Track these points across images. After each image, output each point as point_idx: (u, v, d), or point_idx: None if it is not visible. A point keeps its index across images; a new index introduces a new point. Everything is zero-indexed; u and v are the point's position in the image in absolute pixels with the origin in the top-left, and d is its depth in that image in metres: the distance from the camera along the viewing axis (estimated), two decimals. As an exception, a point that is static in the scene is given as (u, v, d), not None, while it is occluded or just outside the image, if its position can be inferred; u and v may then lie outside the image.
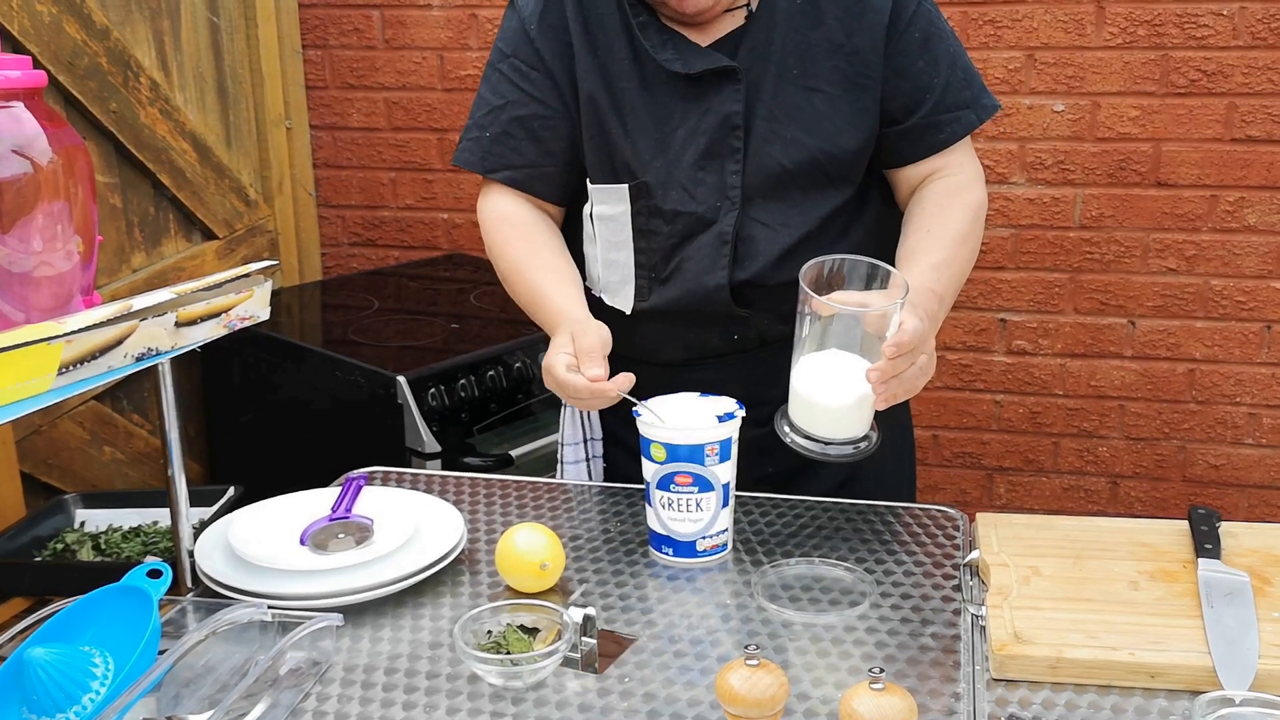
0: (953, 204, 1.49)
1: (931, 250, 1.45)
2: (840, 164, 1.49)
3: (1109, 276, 2.74)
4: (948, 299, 1.43)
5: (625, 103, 1.49)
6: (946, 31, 1.52)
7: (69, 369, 1.08)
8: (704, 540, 1.37)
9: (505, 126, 1.56)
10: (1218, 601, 1.20)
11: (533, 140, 1.55)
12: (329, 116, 3.06)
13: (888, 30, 1.47)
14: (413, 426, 2.15)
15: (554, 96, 1.53)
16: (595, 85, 1.50)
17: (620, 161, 1.51)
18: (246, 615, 1.16)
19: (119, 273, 2.41)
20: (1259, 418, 2.73)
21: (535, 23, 1.52)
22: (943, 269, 1.43)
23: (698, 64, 1.45)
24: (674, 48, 1.47)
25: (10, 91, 1.23)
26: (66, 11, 2.19)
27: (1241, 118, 2.59)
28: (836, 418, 1.31)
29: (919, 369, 1.29)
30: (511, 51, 1.54)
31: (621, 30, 1.48)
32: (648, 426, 1.36)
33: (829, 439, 1.32)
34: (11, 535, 1.86)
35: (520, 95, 1.54)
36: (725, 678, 1.02)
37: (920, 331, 1.26)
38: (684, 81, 1.47)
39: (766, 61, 1.46)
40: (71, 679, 1.06)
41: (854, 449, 1.32)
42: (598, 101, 1.50)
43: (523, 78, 1.54)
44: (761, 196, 1.49)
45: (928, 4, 1.51)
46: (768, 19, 1.47)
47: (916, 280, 1.39)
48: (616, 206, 1.52)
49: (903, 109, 1.50)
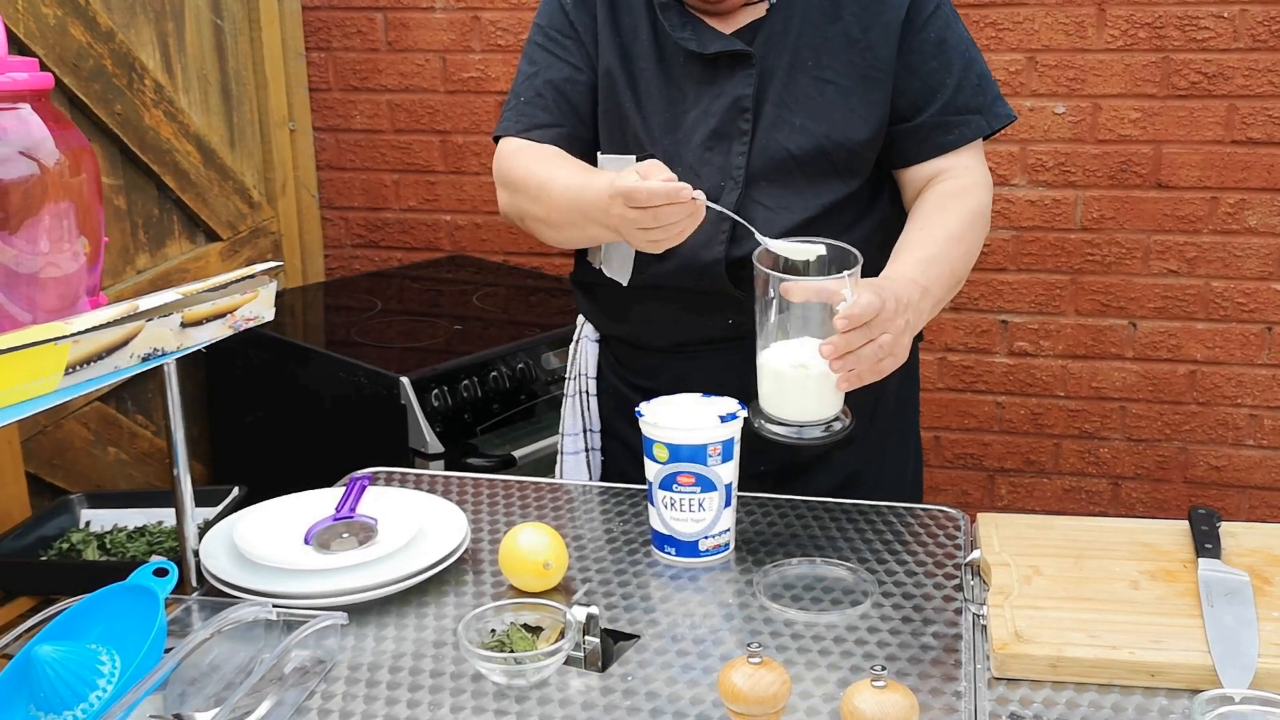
0: (952, 204, 1.50)
1: (921, 245, 1.45)
2: (847, 154, 1.50)
3: (1110, 278, 2.74)
4: (933, 291, 1.41)
5: (641, 80, 1.53)
6: (964, 37, 1.54)
7: (76, 369, 1.09)
8: (706, 540, 1.38)
9: (539, 89, 1.58)
10: (1218, 601, 1.20)
11: (563, 101, 1.57)
12: (332, 118, 3.07)
13: (903, 27, 1.49)
14: (416, 427, 2.15)
15: (585, 62, 1.56)
16: (614, 61, 1.53)
17: (631, 135, 1.54)
18: (251, 614, 1.17)
19: (123, 274, 2.42)
20: (1260, 419, 2.74)
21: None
22: (930, 263, 1.43)
23: (713, 46, 1.49)
24: (693, 29, 1.50)
25: (18, 93, 1.23)
26: (71, 14, 2.20)
27: (1242, 120, 2.59)
28: (800, 398, 1.32)
29: (879, 347, 1.27)
30: (546, 23, 1.59)
31: (645, 11, 1.53)
32: (651, 427, 1.36)
33: (799, 421, 1.32)
34: (17, 535, 1.87)
35: (552, 60, 1.57)
36: (728, 676, 1.03)
37: (874, 306, 1.25)
38: (699, 63, 1.50)
39: (782, 51, 1.49)
40: (79, 676, 1.07)
41: (825, 430, 1.32)
42: (614, 76, 1.53)
43: (556, 44, 1.57)
44: (766, 180, 1.50)
45: (946, 8, 1.53)
46: (787, 12, 1.50)
47: (898, 270, 1.41)
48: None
49: (912, 107, 1.52)
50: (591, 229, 1.43)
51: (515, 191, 1.54)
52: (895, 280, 1.36)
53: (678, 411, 1.38)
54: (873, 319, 1.25)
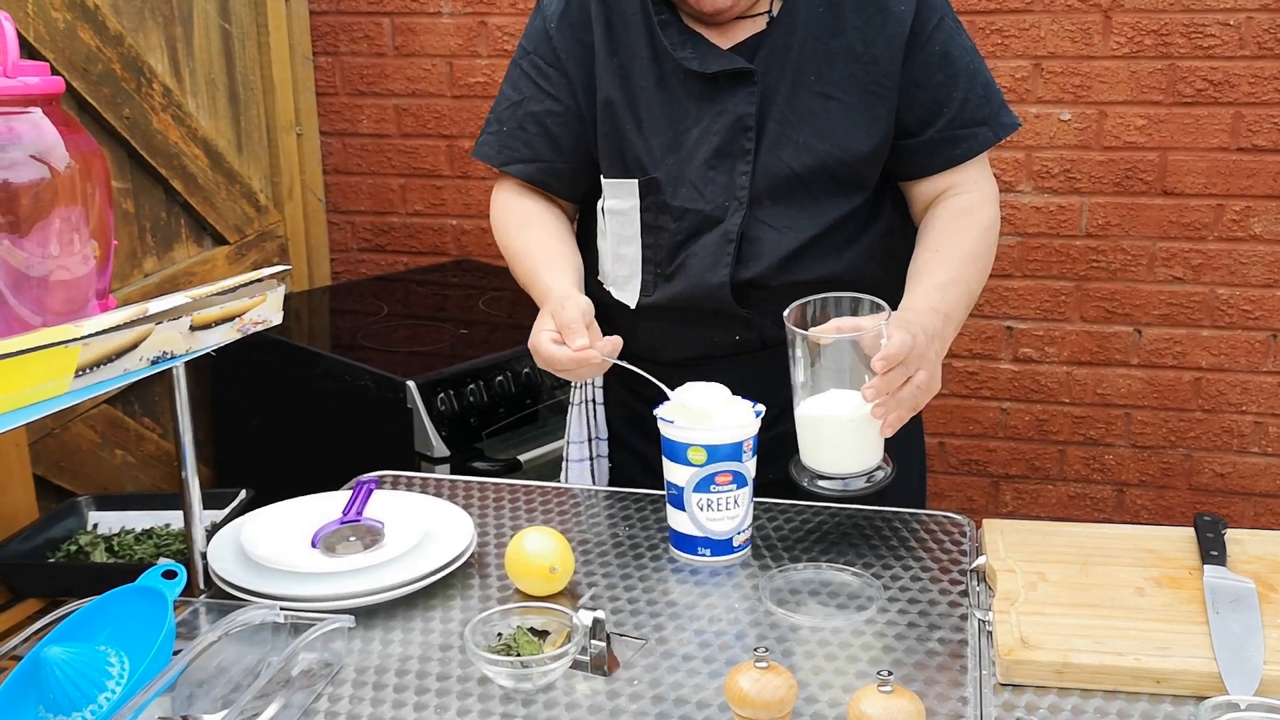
0: (963, 222, 1.50)
1: (938, 269, 1.45)
2: (850, 170, 1.50)
3: (1115, 285, 2.74)
4: (955, 316, 1.42)
5: (641, 101, 1.51)
6: (968, 47, 1.53)
7: (86, 371, 1.09)
8: (739, 535, 1.39)
9: (520, 121, 1.59)
10: (1223, 608, 1.21)
11: (545, 136, 1.58)
12: (339, 123, 3.08)
13: (908, 41, 1.47)
14: (421, 431, 2.16)
15: (568, 94, 1.56)
16: (613, 85, 1.52)
17: (632, 158, 1.53)
18: (259, 617, 1.18)
19: (131, 277, 2.43)
20: (1265, 426, 2.74)
21: (556, 21, 1.55)
22: (949, 288, 1.43)
23: (714, 64, 1.47)
24: (693, 47, 1.49)
25: (29, 97, 1.24)
26: (81, 18, 2.21)
27: (1248, 127, 2.60)
28: (840, 448, 1.33)
29: (916, 386, 1.29)
30: (532, 49, 1.58)
31: (643, 29, 1.51)
32: (685, 431, 1.35)
33: (842, 473, 1.33)
34: (25, 537, 1.87)
35: (536, 91, 1.57)
36: (735, 680, 1.03)
37: (908, 345, 1.26)
38: (700, 81, 1.48)
39: (784, 66, 1.48)
40: (88, 678, 1.07)
41: (868, 480, 1.33)
42: (614, 101, 1.52)
43: (540, 74, 1.57)
44: (770, 199, 1.50)
45: (950, 19, 1.51)
46: (788, 25, 1.48)
47: (919, 300, 1.41)
48: (626, 201, 1.54)
49: (919, 121, 1.51)
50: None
51: (497, 239, 1.65)
52: (920, 312, 1.36)
53: (706, 411, 1.37)
54: (908, 357, 1.26)
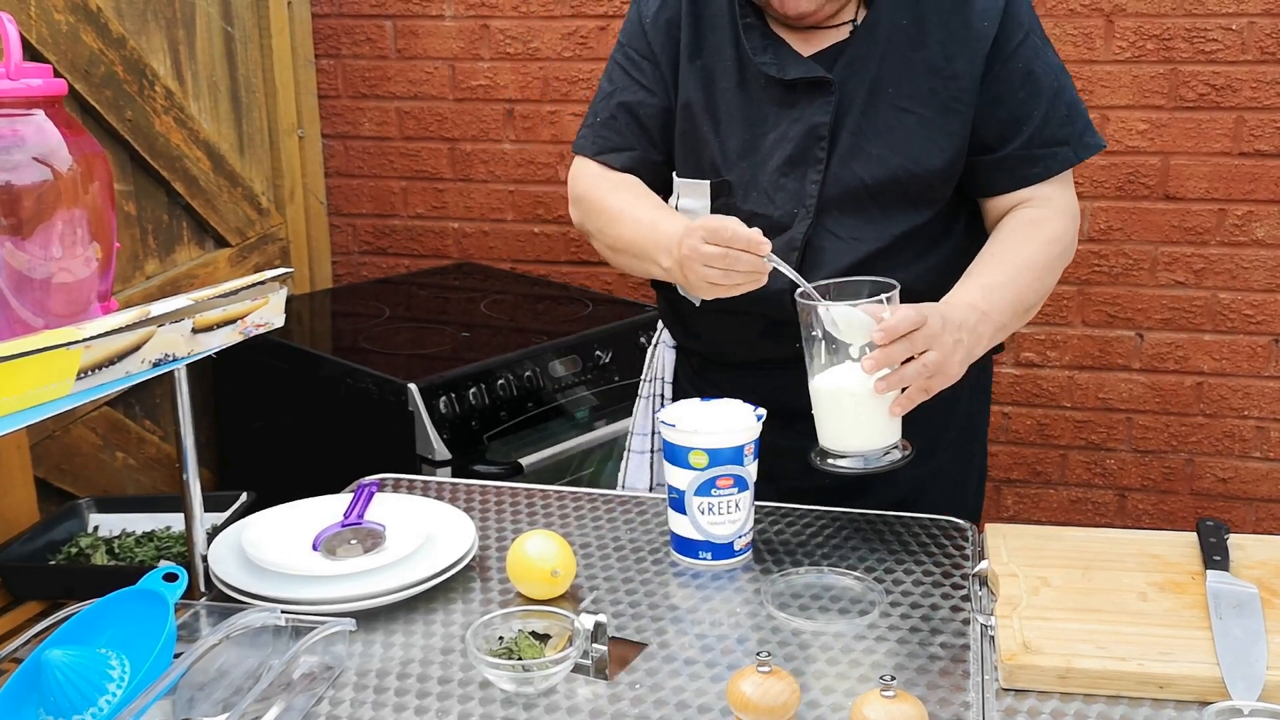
0: (1029, 232, 1.47)
1: (987, 271, 1.44)
2: (922, 184, 1.48)
3: (1117, 289, 2.74)
4: (995, 317, 1.38)
5: (721, 103, 1.52)
6: (1054, 65, 1.50)
7: (88, 374, 1.09)
8: (740, 539, 1.39)
9: (613, 111, 1.60)
10: (1226, 613, 1.20)
11: (636, 125, 1.59)
12: (341, 126, 3.08)
13: (989, 57, 1.46)
14: (423, 434, 2.16)
15: (660, 86, 1.57)
16: (694, 87, 1.53)
17: (707, 159, 1.54)
18: (260, 620, 1.17)
19: (132, 279, 2.43)
20: (1267, 431, 2.73)
21: (651, 16, 1.57)
22: (995, 289, 1.40)
23: (792, 71, 1.47)
24: (773, 53, 1.49)
25: (32, 100, 1.24)
26: (84, 20, 2.21)
27: (1250, 131, 2.59)
28: (853, 424, 1.33)
29: (923, 364, 1.28)
30: (627, 42, 1.61)
31: (729, 31, 1.52)
32: (687, 434, 1.36)
33: (855, 450, 1.33)
34: (26, 539, 1.87)
35: (629, 82, 1.59)
36: (737, 684, 1.03)
37: (911, 319, 1.26)
38: (779, 87, 1.49)
39: (863, 77, 1.47)
40: (88, 681, 1.07)
41: (880, 459, 1.33)
42: (693, 103, 1.53)
43: (633, 66, 1.59)
44: (838, 209, 1.49)
45: (1036, 37, 1.49)
46: (870, 36, 1.47)
47: (958, 295, 1.40)
48: (698, 201, 1.54)
49: (998, 138, 1.48)
50: (649, 265, 1.48)
51: (587, 214, 1.60)
52: (949, 303, 1.36)
53: (708, 416, 1.38)
54: (912, 332, 1.26)
